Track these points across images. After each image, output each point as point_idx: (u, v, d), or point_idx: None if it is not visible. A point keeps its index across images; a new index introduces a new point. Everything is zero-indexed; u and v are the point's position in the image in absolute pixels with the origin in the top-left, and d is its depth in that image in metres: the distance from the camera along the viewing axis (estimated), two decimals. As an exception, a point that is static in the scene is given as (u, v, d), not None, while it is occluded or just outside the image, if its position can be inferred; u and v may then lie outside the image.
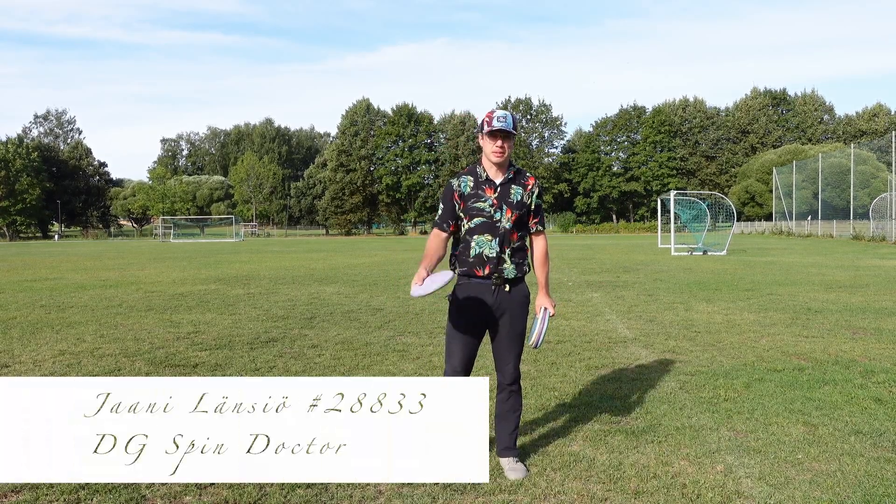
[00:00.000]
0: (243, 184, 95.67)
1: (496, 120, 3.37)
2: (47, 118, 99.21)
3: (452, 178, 3.55)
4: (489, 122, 3.38)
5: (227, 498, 3.19)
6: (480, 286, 3.45)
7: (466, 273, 3.48)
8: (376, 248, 34.52)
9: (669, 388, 5.03)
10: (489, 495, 3.21)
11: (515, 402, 3.59)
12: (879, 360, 5.95)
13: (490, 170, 3.48)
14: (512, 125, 3.37)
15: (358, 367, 5.85)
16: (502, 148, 3.39)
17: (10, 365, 6.07)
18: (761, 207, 71.20)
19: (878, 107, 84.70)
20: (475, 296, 3.46)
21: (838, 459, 3.59)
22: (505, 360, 3.55)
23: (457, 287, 3.53)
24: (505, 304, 3.47)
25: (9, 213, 79.41)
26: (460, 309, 3.48)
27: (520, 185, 3.50)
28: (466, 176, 3.52)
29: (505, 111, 3.41)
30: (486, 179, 3.47)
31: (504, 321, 3.49)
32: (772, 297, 10.58)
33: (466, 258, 3.47)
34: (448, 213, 3.51)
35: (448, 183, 3.53)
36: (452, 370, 3.49)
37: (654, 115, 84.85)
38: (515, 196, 3.47)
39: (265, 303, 10.45)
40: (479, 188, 3.46)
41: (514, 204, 3.46)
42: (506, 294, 3.47)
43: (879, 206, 37.25)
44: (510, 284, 3.48)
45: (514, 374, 3.55)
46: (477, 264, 3.44)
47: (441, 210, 3.53)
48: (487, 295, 3.45)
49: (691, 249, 24.78)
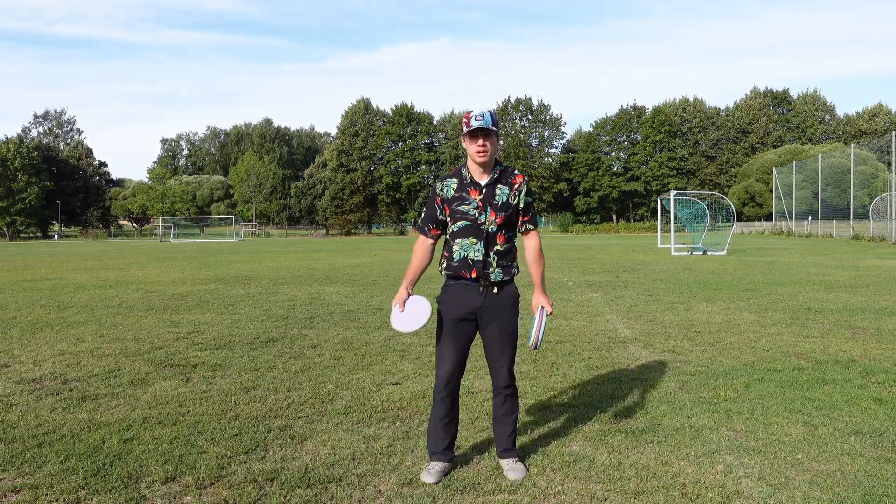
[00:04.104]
0: (243, 184, 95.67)
1: (474, 119, 3.32)
2: (47, 118, 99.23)
3: (437, 181, 3.50)
4: (467, 123, 3.33)
5: (227, 498, 3.18)
6: (468, 288, 3.41)
7: (453, 276, 3.44)
8: (376, 248, 34.52)
9: (669, 388, 5.03)
10: (489, 495, 3.21)
11: (512, 405, 3.54)
12: (879, 360, 5.95)
13: (475, 171, 3.41)
14: (491, 122, 3.31)
15: (358, 367, 5.85)
16: (484, 146, 3.33)
17: (10, 365, 6.07)
18: (761, 207, 71.21)
19: (878, 107, 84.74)
20: (463, 298, 3.41)
21: (838, 459, 3.59)
22: (498, 363, 3.49)
23: (444, 289, 3.48)
24: (494, 306, 3.42)
25: (8, 213, 79.42)
26: (449, 312, 3.43)
27: (506, 184, 3.43)
28: (451, 178, 3.46)
29: (483, 109, 3.36)
30: (471, 181, 3.41)
31: (494, 324, 3.43)
32: (771, 297, 10.58)
33: (452, 262, 3.43)
34: (430, 218, 3.49)
35: (433, 187, 3.50)
36: (446, 374, 3.43)
37: (654, 115, 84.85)
38: (501, 197, 3.41)
39: (265, 303, 10.45)
40: (464, 190, 3.40)
41: (499, 206, 3.40)
42: (494, 296, 3.42)
43: (879, 207, 37.25)
44: (497, 287, 3.43)
45: (508, 377, 3.49)
46: (463, 268, 3.40)
47: (424, 214, 3.51)
48: (475, 297, 3.40)
49: (691, 249, 24.78)
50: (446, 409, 3.45)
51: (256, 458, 3.68)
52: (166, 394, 4.99)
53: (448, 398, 3.45)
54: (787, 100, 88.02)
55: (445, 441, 3.46)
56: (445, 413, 3.46)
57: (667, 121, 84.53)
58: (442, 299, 3.47)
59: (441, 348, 3.46)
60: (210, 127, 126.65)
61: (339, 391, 5.04)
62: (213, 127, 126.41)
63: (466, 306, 3.41)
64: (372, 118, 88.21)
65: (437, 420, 3.47)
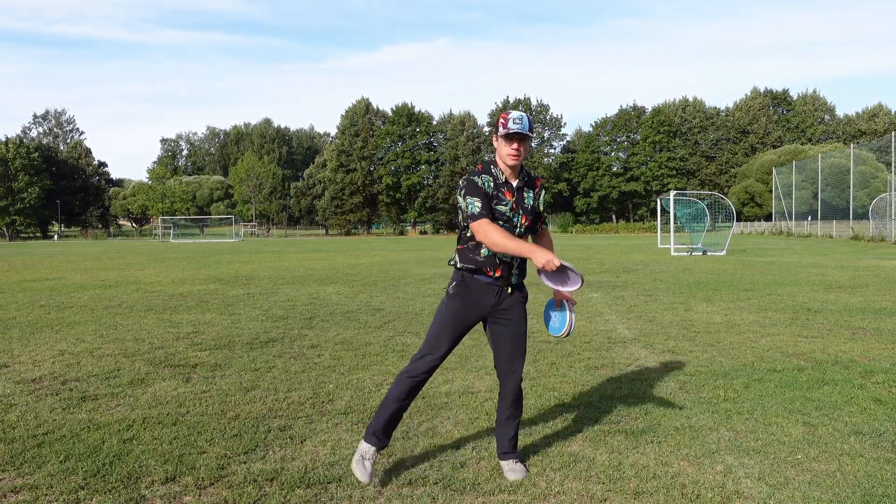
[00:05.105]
0: (243, 184, 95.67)
1: (512, 122, 3.26)
2: (47, 118, 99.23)
3: (472, 175, 3.37)
4: (504, 125, 3.27)
5: (226, 498, 3.18)
6: (486, 286, 3.40)
7: (474, 270, 3.40)
8: (376, 248, 34.52)
9: (669, 388, 5.02)
10: (489, 495, 3.21)
11: (517, 410, 3.52)
12: (879, 360, 5.95)
13: (506, 171, 3.39)
14: (528, 127, 3.28)
15: (358, 367, 5.85)
16: (518, 151, 3.30)
17: (10, 365, 6.07)
18: (761, 207, 71.21)
19: (878, 107, 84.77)
20: (478, 293, 3.40)
21: (838, 460, 3.59)
22: (512, 365, 3.45)
23: (461, 284, 3.43)
24: (506, 304, 3.43)
25: (8, 213, 79.41)
26: (463, 304, 3.40)
27: (530, 188, 3.47)
28: (485, 175, 3.37)
29: (521, 112, 3.33)
30: (505, 182, 3.38)
31: (506, 322, 3.44)
32: (771, 297, 10.58)
33: (477, 256, 3.38)
34: (488, 205, 3.32)
35: (469, 179, 3.35)
36: (435, 361, 3.36)
37: (654, 115, 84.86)
38: (529, 201, 3.44)
39: (265, 303, 10.44)
40: (499, 190, 3.36)
41: (528, 209, 3.44)
42: (507, 294, 3.44)
43: (879, 207, 37.24)
44: (512, 288, 3.46)
45: (518, 380, 3.47)
46: (488, 265, 3.38)
47: (480, 202, 3.28)
48: (490, 295, 3.41)
49: (691, 249, 24.78)
50: (409, 392, 3.39)
51: (256, 458, 3.68)
52: (166, 394, 4.99)
53: (421, 383, 3.41)
54: (786, 100, 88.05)
55: (392, 424, 3.41)
56: (407, 395, 3.39)
57: (666, 121, 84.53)
58: (458, 293, 3.42)
59: (440, 336, 3.40)
60: (210, 127, 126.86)
61: (339, 391, 5.04)
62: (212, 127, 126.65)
63: (481, 305, 3.41)
64: (372, 118, 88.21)
65: (397, 400, 3.38)
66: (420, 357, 3.41)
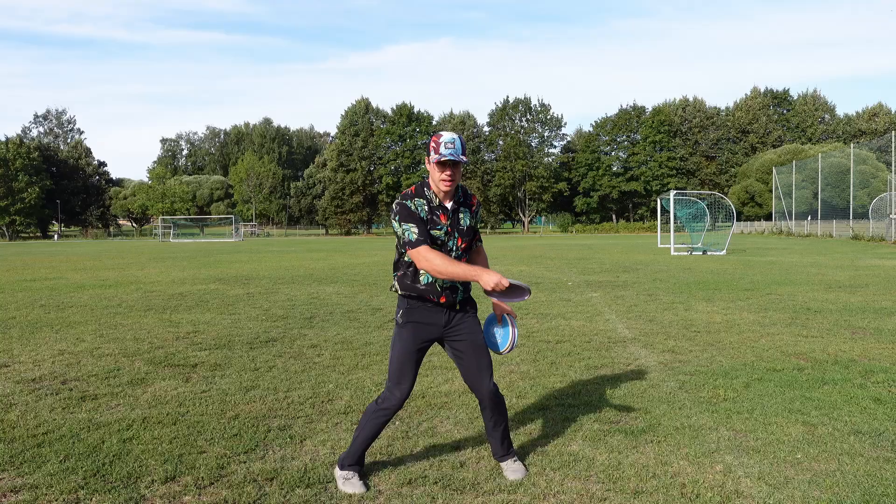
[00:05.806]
0: (243, 184, 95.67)
1: (444, 147, 3.11)
2: (47, 118, 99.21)
3: (404, 199, 3.22)
4: (436, 150, 3.12)
5: (226, 498, 3.19)
6: (433, 309, 3.32)
7: (417, 298, 3.31)
8: (376, 248, 34.51)
9: (669, 388, 5.03)
10: (489, 495, 3.21)
11: (501, 415, 3.46)
12: (879, 359, 5.95)
13: (440, 194, 3.24)
14: (461, 151, 3.14)
15: (357, 367, 5.85)
16: (451, 177, 3.16)
17: (10, 364, 6.07)
18: (761, 207, 71.20)
19: (878, 106, 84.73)
20: (427, 316, 3.32)
21: (837, 459, 3.59)
22: (481, 375, 3.36)
23: (409, 311, 3.32)
24: (457, 320, 3.35)
25: (8, 212, 79.40)
26: (415, 329, 3.31)
27: (467, 207, 3.34)
28: (418, 199, 3.22)
29: (453, 135, 3.15)
30: (440, 205, 3.24)
31: (463, 335, 3.35)
32: (771, 296, 10.58)
33: (417, 284, 3.28)
34: (425, 230, 3.18)
35: (402, 204, 3.20)
36: (405, 393, 3.31)
37: (654, 115, 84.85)
38: (465, 222, 3.33)
39: (265, 303, 10.44)
40: (434, 214, 3.23)
41: (465, 231, 3.33)
42: (456, 311, 3.36)
43: (879, 206, 37.25)
44: (459, 304, 3.38)
45: (491, 386, 3.39)
46: (430, 292, 3.27)
47: (416, 228, 3.15)
48: (439, 314, 3.32)
49: (691, 249, 24.78)
50: (383, 426, 3.36)
51: (256, 457, 3.68)
52: (166, 394, 4.99)
53: (392, 416, 3.37)
54: (787, 100, 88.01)
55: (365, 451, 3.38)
56: (380, 430, 3.37)
57: (667, 121, 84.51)
58: (407, 319, 3.32)
59: (402, 367, 3.31)
60: (210, 127, 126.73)
61: (339, 391, 5.04)
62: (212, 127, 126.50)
63: (433, 326, 3.33)
64: (372, 118, 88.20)
65: (371, 437, 3.36)
66: (389, 392, 3.33)
